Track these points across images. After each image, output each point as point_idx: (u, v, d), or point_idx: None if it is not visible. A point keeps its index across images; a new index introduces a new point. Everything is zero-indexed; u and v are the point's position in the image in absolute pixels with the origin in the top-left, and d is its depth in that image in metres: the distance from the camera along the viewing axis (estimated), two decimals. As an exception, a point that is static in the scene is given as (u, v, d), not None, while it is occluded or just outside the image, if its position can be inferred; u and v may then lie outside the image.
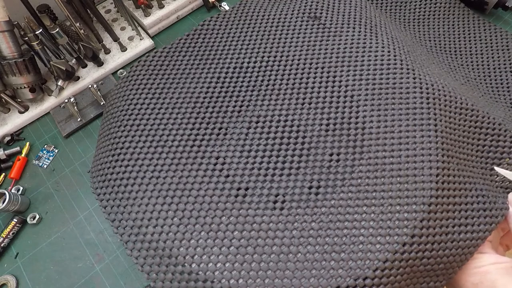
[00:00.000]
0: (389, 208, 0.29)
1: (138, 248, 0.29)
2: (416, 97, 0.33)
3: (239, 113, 0.36)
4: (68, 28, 0.49)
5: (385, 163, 0.31)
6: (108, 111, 0.39)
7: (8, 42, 0.43)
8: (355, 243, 0.27)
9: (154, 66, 0.40)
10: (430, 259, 0.28)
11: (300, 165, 0.32)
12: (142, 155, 0.33)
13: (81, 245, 0.39)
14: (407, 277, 0.27)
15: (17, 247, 0.39)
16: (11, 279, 0.37)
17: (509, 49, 0.49)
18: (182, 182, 0.31)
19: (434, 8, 0.53)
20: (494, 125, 0.35)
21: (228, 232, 0.29)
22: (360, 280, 0.26)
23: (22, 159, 0.44)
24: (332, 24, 0.41)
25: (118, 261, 0.38)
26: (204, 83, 0.38)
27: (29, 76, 0.46)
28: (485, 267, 0.29)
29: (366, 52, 0.37)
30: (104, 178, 0.33)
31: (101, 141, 0.37)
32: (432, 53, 0.49)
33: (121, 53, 0.53)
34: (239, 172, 0.32)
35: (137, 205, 0.30)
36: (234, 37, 0.42)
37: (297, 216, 0.30)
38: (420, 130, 0.32)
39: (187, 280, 0.27)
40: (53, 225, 0.40)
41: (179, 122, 0.35)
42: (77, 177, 0.44)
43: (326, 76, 0.37)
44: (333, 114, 0.35)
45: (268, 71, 0.38)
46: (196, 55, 0.41)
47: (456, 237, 0.29)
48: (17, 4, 0.44)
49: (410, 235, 0.27)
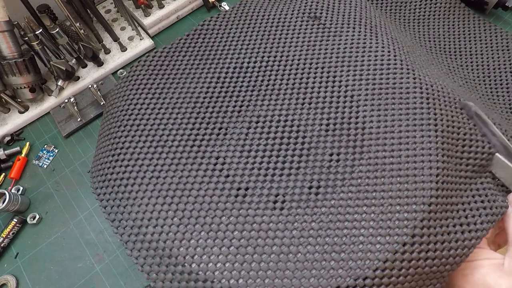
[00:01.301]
0: (389, 208, 0.29)
1: (138, 248, 0.29)
2: (416, 97, 0.33)
3: (239, 113, 0.36)
4: (68, 28, 0.49)
5: (385, 163, 0.31)
6: (108, 111, 0.39)
7: (8, 42, 0.43)
8: (355, 243, 0.27)
9: (154, 66, 0.40)
10: (430, 259, 0.28)
11: (300, 165, 0.32)
12: (142, 155, 0.33)
13: (81, 245, 0.39)
14: (408, 277, 0.27)
15: (17, 247, 0.39)
16: (11, 279, 0.37)
17: (509, 50, 0.49)
18: (182, 182, 0.31)
19: (434, 8, 0.53)
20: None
21: (228, 232, 0.29)
22: (360, 280, 0.26)
23: (22, 159, 0.44)
24: (332, 24, 0.41)
25: (118, 261, 0.38)
26: (204, 83, 0.38)
27: (29, 76, 0.46)
28: (477, 261, 0.29)
29: (366, 52, 0.37)
30: (104, 178, 0.33)
31: (101, 141, 0.37)
32: (432, 53, 0.49)
33: (121, 53, 0.53)
34: (239, 172, 0.32)
35: (137, 205, 0.30)
36: (234, 37, 0.42)
37: (297, 216, 0.30)
38: (420, 130, 0.32)
39: (187, 280, 0.27)
40: (53, 225, 0.41)
41: (179, 122, 0.35)
42: (77, 177, 0.44)
43: (326, 76, 0.37)
44: (333, 114, 0.35)
45: (268, 71, 0.38)
46: (196, 55, 0.41)
47: (456, 236, 0.29)
48: (17, 4, 0.44)
49: (410, 235, 0.27)
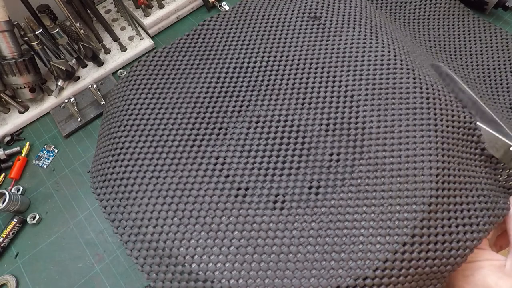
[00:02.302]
0: (389, 208, 0.29)
1: (138, 248, 0.29)
2: (416, 97, 0.33)
3: (239, 113, 0.36)
4: (68, 28, 0.49)
5: (385, 163, 0.31)
6: (108, 111, 0.39)
7: (8, 42, 0.43)
8: (355, 243, 0.27)
9: (154, 66, 0.40)
10: (431, 259, 0.28)
11: (300, 165, 0.32)
12: (142, 155, 0.33)
13: (81, 245, 0.39)
14: (408, 277, 0.27)
15: (17, 247, 0.39)
16: (11, 279, 0.37)
17: (509, 50, 0.49)
18: (182, 182, 0.31)
19: (434, 8, 0.53)
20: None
21: (228, 232, 0.29)
22: (360, 280, 0.26)
23: (22, 159, 0.44)
24: (332, 24, 0.41)
25: (118, 261, 0.38)
26: (204, 83, 0.38)
27: (29, 76, 0.46)
28: (478, 262, 0.29)
29: (366, 52, 0.37)
30: (104, 178, 0.33)
31: (101, 141, 0.37)
32: (432, 53, 0.49)
33: (121, 53, 0.53)
34: (239, 172, 0.32)
35: (137, 205, 0.30)
36: (234, 37, 0.42)
37: (297, 216, 0.30)
38: (420, 130, 0.32)
39: (187, 280, 0.27)
40: (53, 225, 0.41)
41: (179, 122, 0.35)
42: (77, 177, 0.44)
43: (326, 76, 0.37)
44: (333, 114, 0.35)
45: (268, 71, 0.38)
46: (196, 55, 0.41)
47: (457, 237, 0.29)
48: (17, 4, 0.44)
49: (410, 235, 0.27)
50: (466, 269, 0.29)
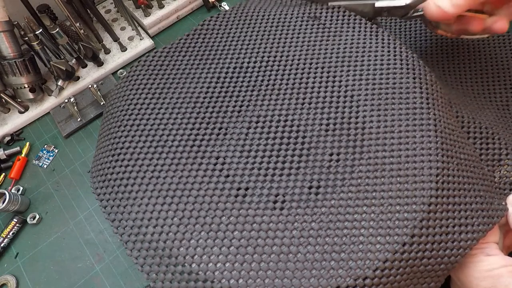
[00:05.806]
0: (389, 208, 0.29)
1: (138, 248, 0.29)
2: (416, 97, 0.33)
3: (239, 113, 0.36)
4: (68, 28, 0.49)
5: (385, 163, 0.31)
6: (108, 111, 0.39)
7: (8, 42, 0.43)
8: (355, 243, 0.27)
9: (154, 66, 0.40)
10: (430, 259, 0.28)
11: (300, 165, 0.32)
12: (142, 155, 0.33)
13: (81, 245, 0.39)
14: (407, 277, 0.27)
15: (17, 247, 0.39)
16: (11, 279, 0.37)
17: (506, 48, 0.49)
18: (182, 182, 0.31)
19: None
20: (481, 129, 0.36)
21: (228, 232, 0.29)
22: (360, 280, 0.26)
23: (22, 159, 0.44)
24: (332, 24, 0.41)
25: (118, 261, 0.38)
26: (204, 83, 0.38)
27: (29, 76, 0.46)
28: (496, 271, 0.28)
29: (366, 52, 0.37)
30: (104, 178, 0.33)
31: (101, 141, 0.37)
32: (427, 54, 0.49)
33: (121, 53, 0.53)
34: (239, 172, 0.32)
35: (137, 205, 0.30)
36: (234, 37, 0.42)
37: (297, 216, 0.30)
38: (420, 130, 0.32)
39: (187, 280, 0.27)
40: (53, 225, 0.41)
41: (179, 122, 0.35)
42: (77, 177, 0.44)
43: (326, 76, 0.37)
44: (333, 114, 0.35)
45: (268, 71, 0.38)
46: (196, 55, 0.41)
47: (456, 237, 0.29)
48: (17, 4, 0.44)
49: (410, 235, 0.27)
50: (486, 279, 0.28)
